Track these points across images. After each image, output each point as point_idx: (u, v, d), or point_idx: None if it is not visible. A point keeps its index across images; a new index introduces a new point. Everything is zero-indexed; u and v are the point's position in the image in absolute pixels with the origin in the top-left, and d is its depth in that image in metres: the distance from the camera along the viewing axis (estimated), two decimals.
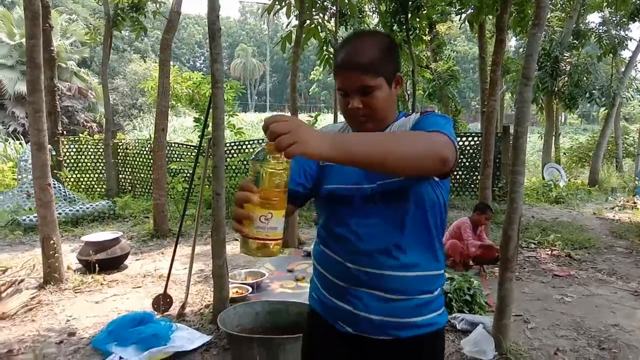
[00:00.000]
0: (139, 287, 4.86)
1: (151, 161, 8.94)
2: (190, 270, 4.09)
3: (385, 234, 1.30)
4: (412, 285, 1.32)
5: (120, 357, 3.21)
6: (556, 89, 13.10)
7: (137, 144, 10.71)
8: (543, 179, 12.79)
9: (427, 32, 13.41)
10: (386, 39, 1.33)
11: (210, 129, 3.94)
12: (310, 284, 1.55)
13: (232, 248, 5.66)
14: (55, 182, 7.69)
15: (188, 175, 9.20)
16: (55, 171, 8.64)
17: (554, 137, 15.45)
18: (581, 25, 13.94)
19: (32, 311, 4.16)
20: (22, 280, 4.73)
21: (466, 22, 7.28)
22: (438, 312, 1.37)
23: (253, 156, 1.01)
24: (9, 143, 16.97)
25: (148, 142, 10.29)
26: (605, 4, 11.61)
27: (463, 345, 3.37)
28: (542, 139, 16.17)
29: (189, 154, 9.90)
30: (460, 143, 9.86)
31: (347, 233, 1.33)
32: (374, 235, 1.30)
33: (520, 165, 3.21)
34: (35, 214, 6.80)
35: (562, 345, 3.49)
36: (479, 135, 9.71)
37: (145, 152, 10.33)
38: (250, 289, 4.39)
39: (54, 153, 8.57)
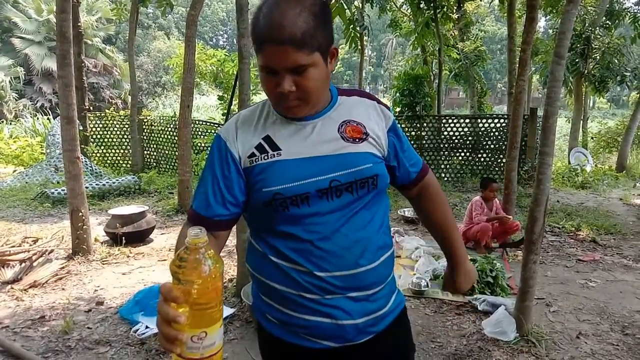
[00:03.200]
0: (164, 260, 4.96)
1: (176, 138, 9.04)
2: None
3: (352, 227, 1.16)
4: (383, 272, 1.23)
5: (147, 327, 3.31)
6: (586, 71, 12.76)
7: (162, 121, 10.82)
8: (569, 163, 12.55)
9: (455, 10, 13.18)
10: (318, 1, 1.09)
11: (235, 105, 3.96)
12: (255, 302, 1.30)
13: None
14: (82, 157, 7.85)
15: None
16: (82, 146, 8.80)
17: (581, 121, 15.10)
18: (615, 4, 13.46)
19: (61, 280, 4.30)
20: (51, 251, 4.88)
21: (496, 0, 7.10)
22: (396, 291, 1.31)
23: (174, 258, 0.83)
24: (37, 118, 17.35)
25: (173, 118, 10.38)
26: None
27: (484, 325, 3.37)
28: (569, 122, 15.83)
29: (212, 131, 9.96)
30: (486, 125, 9.72)
31: (308, 236, 1.14)
32: (339, 233, 1.14)
33: (549, 146, 3.16)
34: (63, 187, 6.98)
35: (584, 329, 3.46)
36: (505, 117, 9.55)
37: (170, 129, 10.43)
38: None
39: (81, 128, 8.72)
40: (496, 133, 9.57)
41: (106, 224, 5.51)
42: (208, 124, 10.40)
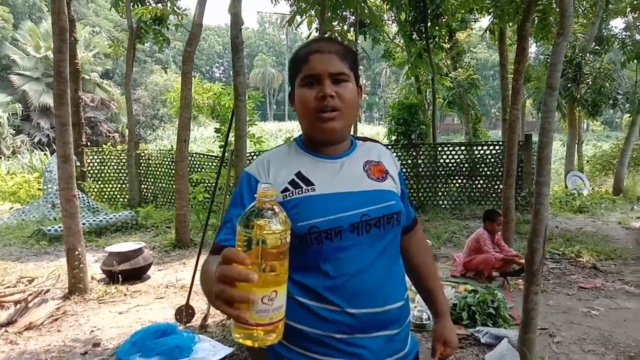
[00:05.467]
0: (162, 297, 4.90)
1: (173, 171, 9.05)
2: None
3: (381, 263, 1.19)
4: (405, 312, 1.26)
5: None
6: (578, 96, 12.92)
7: (159, 155, 10.85)
8: (566, 187, 12.58)
9: (446, 40, 13.42)
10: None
11: (232, 139, 3.98)
12: (273, 345, 1.12)
13: None
14: (79, 193, 7.82)
15: (209, 185, 9.29)
16: (79, 182, 8.79)
17: (576, 145, 15.22)
18: (604, 31, 13.72)
19: (57, 321, 4.22)
20: (47, 291, 4.82)
21: (487, 31, 7.24)
22: (410, 333, 1.32)
23: (242, 216, 0.79)
24: (35, 154, 17.37)
25: (170, 152, 10.41)
26: (628, 9, 11.42)
27: (487, 359, 3.32)
28: (564, 146, 15.95)
29: (209, 164, 9.98)
30: (482, 152, 9.77)
31: (340, 271, 1.15)
32: (371, 269, 1.17)
33: (546, 175, 3.16)
34: (60, 225, 6.93)
35: None
36: (499, 143, 9.61)
37: (167, 163, 10.45)
38: None
39: (78, 164, 8.72)
40: (492, 159, 9.61)
41: (103, 261, 5.45)
42: (205, 156, 10.42)
